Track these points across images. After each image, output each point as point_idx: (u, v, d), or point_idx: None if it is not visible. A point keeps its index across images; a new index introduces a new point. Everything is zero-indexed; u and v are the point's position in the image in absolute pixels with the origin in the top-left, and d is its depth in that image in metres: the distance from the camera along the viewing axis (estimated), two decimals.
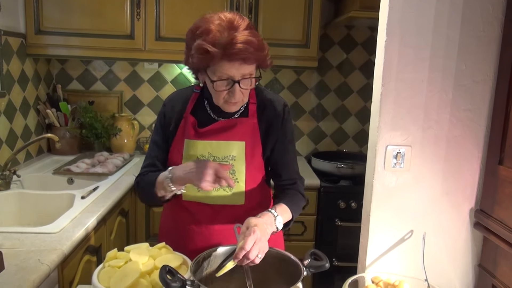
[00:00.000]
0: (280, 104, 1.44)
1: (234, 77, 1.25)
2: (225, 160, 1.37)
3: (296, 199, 1.42)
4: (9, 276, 1.25)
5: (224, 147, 1.37)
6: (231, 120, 1.40)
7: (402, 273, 1.35)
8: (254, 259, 1.11)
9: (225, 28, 1.21)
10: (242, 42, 1.20)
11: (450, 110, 1.35)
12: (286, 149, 1.44)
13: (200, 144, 1.38)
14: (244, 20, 1.26)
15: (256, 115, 1.41)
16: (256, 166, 1.41)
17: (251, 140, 1.39)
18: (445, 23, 1.30)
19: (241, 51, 1.20)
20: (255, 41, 1.23)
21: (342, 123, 3.20)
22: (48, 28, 2.58)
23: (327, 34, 3.05)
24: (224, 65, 1.24)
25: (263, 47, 1.28)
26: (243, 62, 1.23)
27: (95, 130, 2.87)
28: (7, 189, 2.08)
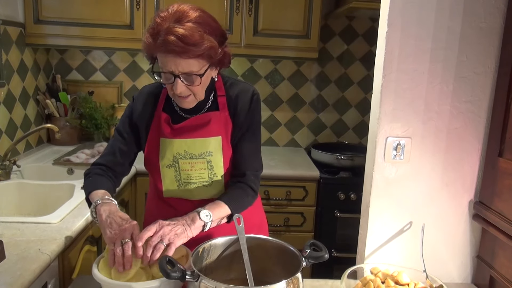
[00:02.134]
0: (248, 93, 1.40)
1: (174, 71, 1.22)
2: (202, 156, 1.36)
3: (238, 195, 1.36)
4: (10, 266, 1.26)
5: (200, 144, 1.36)
6: (204, 116, 1.37)
7: (400, 264, 1.36)
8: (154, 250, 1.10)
9: (167, 19, 1.19)
10: (172, 34, 1.16)
11: (450, 102, 1.35)
12: (244, 141, 1.40)
13: (176, 142, 1.36)
14: (196, 12, 1.22)
15: (227, 108, 1.39)
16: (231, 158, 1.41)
17: (225, 134, 1.38)
18: (447, 14, 1.29)
19: (168, 43, 1.17)
20: (188, 34, 1.17)
21: (342, 115, 3.19)
22: (47, 18, 2.57)
23: (328, 24, 3.04)
24: (161, 58, 1.23)
25: (199, 43, 1.18)
26: (177, 55, 1.19)
27: (95, 121, 2.86)
28: (7, 179, 2.08)
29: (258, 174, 1.44)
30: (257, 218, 1.54)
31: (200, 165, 1.37)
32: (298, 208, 2.63)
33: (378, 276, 1.23)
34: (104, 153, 1.44)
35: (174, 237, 1.13)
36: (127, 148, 1.42)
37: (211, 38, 1.22)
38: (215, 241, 1.20)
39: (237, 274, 1.20)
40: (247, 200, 1.38)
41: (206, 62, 1.25)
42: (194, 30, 1.18)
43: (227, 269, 1.21)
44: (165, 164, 1.38)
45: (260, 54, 2.78)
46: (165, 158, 1.37)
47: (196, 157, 1.36)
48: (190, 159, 1.36)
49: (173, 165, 1.38)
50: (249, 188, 1.39)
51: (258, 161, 1.44)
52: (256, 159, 1.44)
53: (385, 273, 1.24)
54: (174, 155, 1.37)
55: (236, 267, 1.19)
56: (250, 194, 1.39)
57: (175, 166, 1.38)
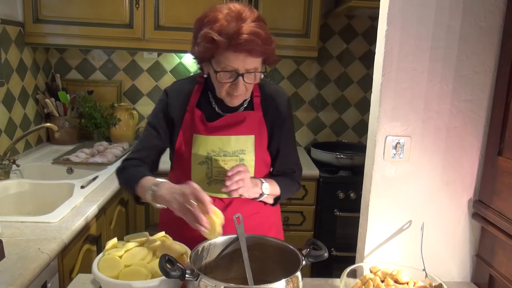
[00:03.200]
0: (284, 97, 1.47)
1: (238, 70, 1.25)
2: (235, 154, 1.39)
3: (287, 182, 1.48)
4: (9, 265, 1.26)
5: (234, 141, 1.39)
6: (239, 114, 1.40)
7: (400, 262, 1.36)
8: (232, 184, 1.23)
9: (233, 18, 1.21)
10: (248, 33, 1.19)
11: (450, 101, 1.35)
12: (288, 141, 1.48)
13: (210, 139, 1.38)
14: (253, 12, 1.25)
15: (261, 108, 1.42)
16: (263, 158, 1.44)
17: (259, 133, 1.41)
18: (446, 12, 1.29)
19: (247, 42, 1.20)
20: (262, 33, 1.22)
21: (341, 114, 3.19)
22: (47, 17, 2.57)
23: (328, 23, 3.04)
24: (229, 56, 1.23)
25: (270, 41, 1.27)
26: (248, 54, 1.23)
27: (94, 120, 2.86)
28: (7, 178, 2.08)
29: (301, 171, 1.56)
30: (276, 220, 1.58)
31: (233, 162, 1.39)
32: (298, 207, 2.63)
33: (377, 275, 1.23)
34: (137, 148, 1.44)
35: (248, 186, 1.28)
36: (162, 144, 1.44)
37: (273, 37, 1.29)
38: (214, 240, 1.19)
39: (236, 273, 1.19)
40: (292, 190, 1.51)
41: (262, 61, 1.31)
42: (264, 29, 1.25)
43: (227, 268, 1.21)
44: (198, 161, 1.39)
45: None
46: (198, 155, 1.39)
47: (229, 155, 1.39)
48: (224, 156, 1.39)
49: (206, 162, 1.39)
50: (297, 183, 1.53)
51: (298, 159, 1.56)
52: (298, 157, 1.56)
53: (385, 272, 1.24)
54: (208, 152, 1.38)
55: (236, 266, 1.19)
56: (295, 187, 1.52)
57: (207, 163, 1.39)
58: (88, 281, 1.29)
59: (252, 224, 1.39)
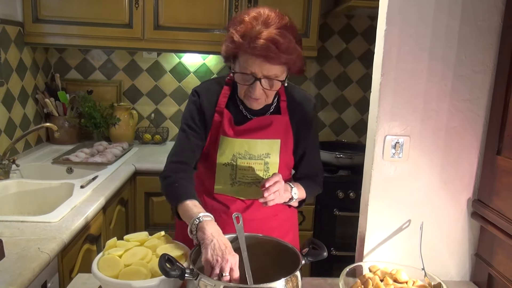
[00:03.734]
0: (311, 102, 1.48)
1: (256, 74, 1.25)
2: (260, 157, 1.40)
3: (312, 185, 1.51)
4: (9, 264, 1.26)
5: (260, 145, 1.39)
6: (266, 118, 1.41)
7: (399, 262, 1.36)
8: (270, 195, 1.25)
9: (258, 22, 1.22)
10: (266, 38, 1.18)
11: (449, 100, 1.35)
12: (313, 146, 1.49)
13: (238, 142, 1.39)
14: (282, 19, 1.24)
15: (288, 112, 1.43)
16: (287, 162, 1.45)
17: (284, 138, 1.42)
18: (446, 12, 1.29)
19: (263, 48, 1.19)
20: (282, 41, 1.20)
21: (341, 113, 3.20)
22: (46, 17, 2.57)
23: (327, 23, 3.04)
24: (248, 59, 1.24)
25: (291, 51, 1.23)
26: (265, 60, 1.22)
27: (94, 120, 2.86)
28: (6, 178, 2.08)
29: (323, 174, 1.59)
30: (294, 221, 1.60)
31: (257, 165, 1.40)
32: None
33: (377, 274, 1.23)
34: (180, 149, 1.40)
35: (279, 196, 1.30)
36: (202, 143, 1.42)
37: (298, 47, 1.26)
38: None
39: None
40: (315, 192, 1.56)
41: (287, 68, 1.29)
42: (286, 37, 1.22)
43: None
44: (223, 162, 1.40)
45: None
46: (224, 156, 1.39)
47: (255, 158, 1.40)
48: (249, 159, 1.39)
49: (231, 163, 1.40)
50: (319, 187, 1.56)
51: (321, 164, 1.59)
52: (321, 162, 1.58)
53: (384, 271, 1.25)
54: (234, 154, 1.39)
55: None
56: (317, 190, 1.56)
57: (232, 165, 1.40)
58: (88, 281, 1.29)
59: (272, 226, 1.42)
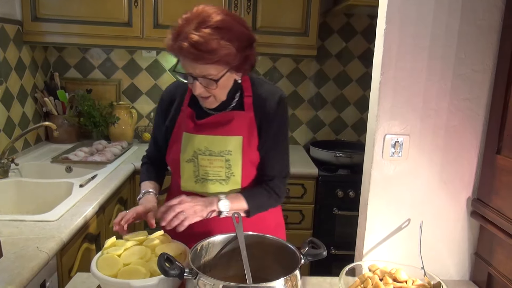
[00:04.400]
0: (276, 97, 1.39)
1: (192, 74, 1.25)
2: (221, 154, 1.37)
3: (260, 194, 1.40)
4: (8, 264, 1.26)
5: (220, 141, 1.37)
6: (228, 114, 1.38)
7: (399, 261, 1.36)
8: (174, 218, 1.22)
9: (189, 22, 1.20)
10: (187, 40, 1.17)
11: (449, 99, 1.35)
12: (273, 144, 1.41)
13: (197, 138, 1.38)
14: (218, 16, 1.21)
15: (253, 108, 1.39)
16: (251, 159, 1.40)
17: (248, 134, 1.38)
18: (445, 11, 1.29)
19: (185, 50, 1.18)
20: (203, 42, 1.17)
21: (340, 112, 3.19)
22: (45, 15, 2.56)
23: (326, 22, 3.03)
24: (182, 60, 1.24)
25: (214, 51, 1.18)
26: (193, 61, 1.21)
27: (93, 119, 2.86)
28: (5, 177, 2.08)
29: (285, 180, 1.47)
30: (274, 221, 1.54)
31: (218, 162, 1.38)
32: (297, 205, 2.63)
33: (376, 273, 1.23)
34: (149, 147, 1.59)
35: (191, 214, 1.24)
36: (161, 143, 1.49)
37: (228, 45, 1.21)
38: (213, 239, 1.20)
39: (235, 272, 1.19)
40: (268, 202, 1.42)
41: (224, 67, 1.25)
42: (211, 37, 1.18)
43: (226, 267, 1.20)
44: (185, 159, 1.40)
45: (259, 51, 2.72)
46: (186, 153, 1.39)
47: (215, 154, 1.38)
48: (209, 155, 1.38)
49: (193, 160, 1.39)
50: (274, 193, 1.42)
51: (285, 166, 1.47)
52: (284, 164, 1.47)
53: (383, 270, 1.25)
54: (194, 150, 1.38)
55: (235, 265, 1.19)
56: (272, 197, 1.42)
57: (194, 161, 1.39)
58: (87, 280, 1.29)
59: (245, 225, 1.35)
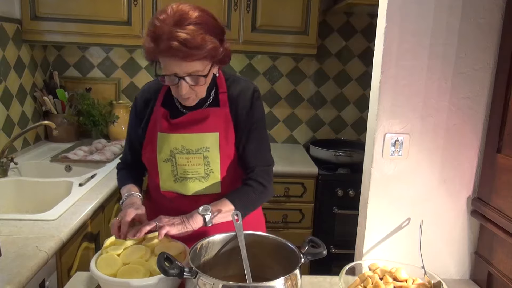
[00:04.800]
0: (249, 91, 1.40)
1: (178, 74, 1.22)
2: (199, 152, 1.36)
3: (243, 191, 1.38)
4: (7, 263, 1.25)
5: (197, 139, 1.36)
6: (203, 111, 1.37)
7: (399, 260, 1.36)
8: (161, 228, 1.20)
9: (167, 22, 1.18)
10: (175, 39, 1.15)
11: (449, 98, 1.35)
12: (250, 137, 1.40)
13: (173, 137, 1.36)
14: (195, 12, 1.20)
15: (228, 104, 1.39)
16: (229, 154, 1.40)
17: (224, 130, 1.38)
18: (446, 9, 1.29)
19: (170, 49, 1.16)
20: (191, 38, 1.16)
21: (340, 111, 3.19)
22: (44, 14, 2.55)
23: (326, 21, 3.03)
24: (165, 60, 1.22)
25: (202, 46, 1.18)
26: (179, 59, 1.19)
27: (93, 118, 2.85)
28: (5, 176, 2.08)
29: (269, 169, 1.44)
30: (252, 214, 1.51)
31: (196, 160, 1.37)
32: (297, 204, 2.63)
33: (376, 273, 1.23)
34: (123, 153, 1.56)
35: (169, 225, 1.22)
36: (136, 147, 1.47)
37: (212, 39, 1.21)
38: (213, 238, 1.19)
39: (235, 271, 1.19)
40: (254, 196, 1.38)
41: (209, 62, 1.25)
42: (196, 33, 1.18)
43: (225, 266, 1.20)
44: (162, 159, 1.39)
45: (258, 50, 2.77)
46: (163, 153, 1.38)
47: (193, 152, 1.37)
48: (187, 154, 1.37)
49: (170, 159, 1.38)
50: (258, 183, 1.39)
51: (266, 156, 1.45)
52: (264, 154, 1.44)
53: (384, 270, 1.24)
54: (171, 150, 1.37)
55: (234, 264, 1.18)
56: (258, 190, 1.39)
57: (172, 161, 1.38)
58: (86, 279, 1.28)
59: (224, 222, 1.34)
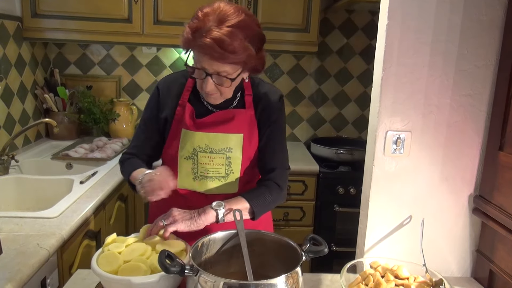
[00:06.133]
0: (276, 96, 1.43)
1: (207, 70, 1.23)
2: (222, 152, 1.37)
3: (259, 191, 1.38)
4: (8, 260, 1.25)
5: (221, 139, 1.37)
6: (229, 112, 1.39)
7: (400, 258, 1.36)
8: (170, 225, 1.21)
9: (210, 19, 1.18)
10: (212, 38, 1.16)
11: (451, 95, 1.34)
12: (271, 138, 1.42)
13: (198, 135, 1.37)
14: (238, 16, 1.20)
15: (253, 106, 1.40)
16: (250, 156, 1.42)
17: (248, 132, 1.39)
18: (448, 6, 1.28)
19: (206, 46, 1.17)
20: (229, 42, 1.16)
21: (341, 109, 3.19)
22: (45, 12, 2.55)
23: (327, 18, 3.02)
24: (197, 55, 1.23)
25: (239, 51, 1.19)
26: (212, 58, 1.19)
27: (94, 115, 2.85)
28: (6, 174, 2.08)
29: (286, 172, 1.45)
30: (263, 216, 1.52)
31: (218, 160, 1.38)
32: (298, 202, 2.63)
33: (377, 270, 1.23)
34: (133, 144, 1.48)
35: (179, 220, 1.21)
36: (156, 138, 1.44)
37: (250, 46, 1.22)
38: (214, 236, 1.19)
39: (236, 269, 1.19)
40: (270, 197, 1.37)
41: (240, 67, 1.25)
42: (235, 37, 1.18)
43: (227, 264, 1.20)
44: (184, 156, 1.39)
45: None
46: (185, 150, 1.38)
47: (215, 152, 1.37)
48: (210, 153, 1.37)
49: (192, 157, 1.38)
50: (275, 185, 1.39)
51: (284, 159, 1.46)
52: (283, 157, 1.45)
53: (385, 267, 1.24)
54: (194, 148, 1.37)
55: (236, 262, 1.18)
56: (274, 191, 1.38)
57: (193, 159, 1.38)
58: (87, 277, 1.28)
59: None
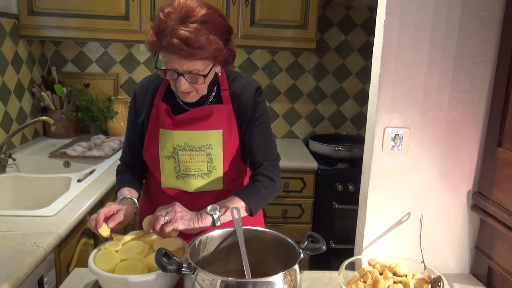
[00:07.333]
0: (252, 87, 1.40)
1: (178, 70, 1.22)
2: (202, 149, 1.36)
3: (252, 188, 1.38)
4: (5, 259, 1.25)
5: (201, 136, 1.36)
6: (206, 108, 1.36)
7: (399, 255, 1.35)
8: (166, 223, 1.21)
9: (172, 18, 1.16)
10: (177, 37, 1.14)
11: (449, 92, 1.34)
12: (256, 132, 1.40)
13: (177, 134, 1.36)
14: (202, 10, 1.18)
15: (230, 101, 1.38)
16: (232, 151, 1.40)
17: (228, 127, 1.37)
18: (446, 2, 1.27)
19: (172, 46, 1.15)
20: (195, 38, 1.14)
21: (340, 106, 3.18)
22: (41, 9, 2.54)
23: (326, 15, 3.01)
24: (165, 56, 1.21)
25: (206, 46, 1.16)
26: (180, 57, 1.18)
27: (91, 113, 2.84)
28: (3, 172, 2.07)
29: (276, 163, 1.45)
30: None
31: (199, 157, 1.37)
32: (296, 199, 2.63)
33: (376, 268, 1.22)
34: (123, 150, 1.52)
35: (179, 219, 1.21)
36: (136, 146, 1.45)
37: (217, 39, 1.19)
38: (212, 234, 1.19)
39: (234, 267, 1.19)
40: (264, 191, 1.38)
41: (211, 62, 1.24)
42: (200, 33, 1.16)
43: (224, 262, 1.20)
44: (165, 155, 1.38)
45: (257, 45, 2.75)
46: (165, 149, 1.37)
47: (196, 149, 1.36)
48: (190, 151, 1.36)
49: (173, 156, 1.37)
50: (267, 178, 1.39)
51: (272, 150, 1.45)
52: (270, 148, 1.44)
53: (383, 264, 1.24)
54: (174, 147, 1.36)
55: (233, 260, 1.18)
56: (267, 185, 1.38)
57: (174, 158, 1.37)
58: (85, 275, 1.28)
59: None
